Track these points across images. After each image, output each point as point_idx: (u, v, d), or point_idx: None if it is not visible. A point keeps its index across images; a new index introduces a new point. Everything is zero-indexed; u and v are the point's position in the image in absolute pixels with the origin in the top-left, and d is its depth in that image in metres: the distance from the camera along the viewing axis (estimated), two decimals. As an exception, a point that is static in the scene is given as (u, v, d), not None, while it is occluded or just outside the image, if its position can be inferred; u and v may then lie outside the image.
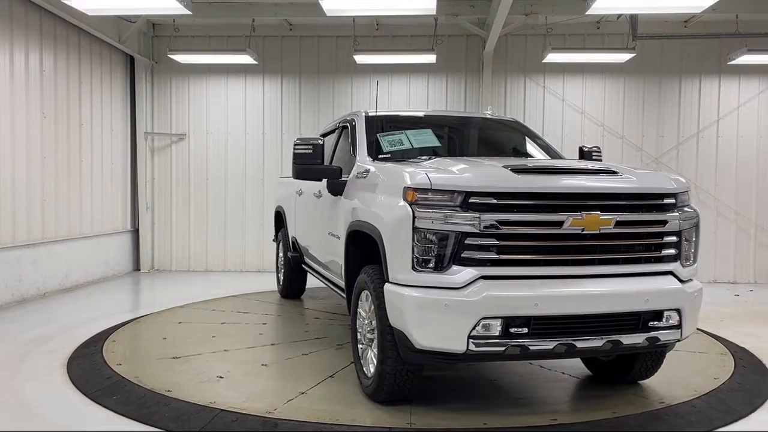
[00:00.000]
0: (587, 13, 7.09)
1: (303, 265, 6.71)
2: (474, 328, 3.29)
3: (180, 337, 5.67)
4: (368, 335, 3.99)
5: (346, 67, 9.90)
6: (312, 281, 7.33)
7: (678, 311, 3.60)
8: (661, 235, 3.63)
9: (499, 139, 5.60)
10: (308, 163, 4.61)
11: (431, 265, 3.37)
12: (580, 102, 9.80)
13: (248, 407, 3.85)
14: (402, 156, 4.72)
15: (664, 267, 3.64)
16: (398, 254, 3.46)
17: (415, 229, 3.36)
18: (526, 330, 3.34)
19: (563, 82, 9.82)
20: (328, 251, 5.21)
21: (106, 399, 4.06)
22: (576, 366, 4.75)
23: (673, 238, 3.65)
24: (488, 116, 6.01)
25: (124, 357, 4.98)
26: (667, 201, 3.68)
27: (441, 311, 3.31)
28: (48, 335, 5.76)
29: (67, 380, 4.48)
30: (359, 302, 4.15)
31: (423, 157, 4.53)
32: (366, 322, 4.04)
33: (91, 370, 4.65)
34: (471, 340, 3.30)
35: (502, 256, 3.36)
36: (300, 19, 9.51)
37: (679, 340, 3.71)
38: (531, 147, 5.37)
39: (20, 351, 5.23)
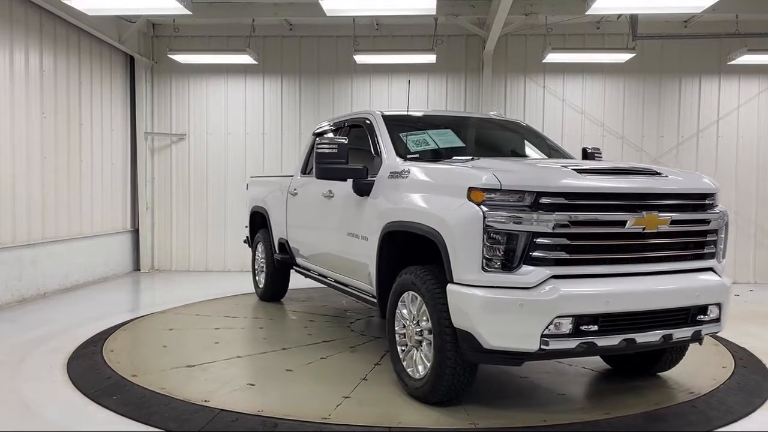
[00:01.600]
0: (587, 13, 7.09)
1: (294, 268, 6.57)
2: (547, 327, 3.33)
3: (181, 343, 5.49)
4: (416, 337, 3.93)
5: (346, 67, 9.90)
6: (292, 283, 7.29)
7: (719, 305, 3.81)
8: (705, 233, 3.83)
9: (512, 139, 5.61)
10: (333, 163, 4.55)
11: (502, 265, 3.39)
12: (580, 102, 9.80)
13: (297, 414, 3.73)
14: (431, 156, 4.72)
15: (706, 264, 3.85)
16: (465, 255, 3.44)
17: (485, 230, 3.37)
18: (595, 327, 3.42)
19: (563, 82, 9.82)
20: (345, 252, 5.07)
21: (106, 399, 4.05)
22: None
23: (713, 236, 3.87)
24: (498, 118, 5.99)
25: (137, 365, 4.74)
26: (708, 201, 3.90)
27: (515, 311, 3.33)
28: (48, 335, 5.76)
29: (67, 380, 4.47)
30: (399, 303, 4.12)
31: (464, 158, 4.51)
32: (411, 323, 3.99)
33: (91, 370, 4.65)
34: (543, 339, 3.34)
35: (570, 256, 3.43)
36: (300, 19, 9.51)
37: (717, 332, 3.93)
38: (545, 147, 5.47)
39: (20, 351, 5.23)
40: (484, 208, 3.40)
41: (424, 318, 3.83)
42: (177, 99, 10.23)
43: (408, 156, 4.59)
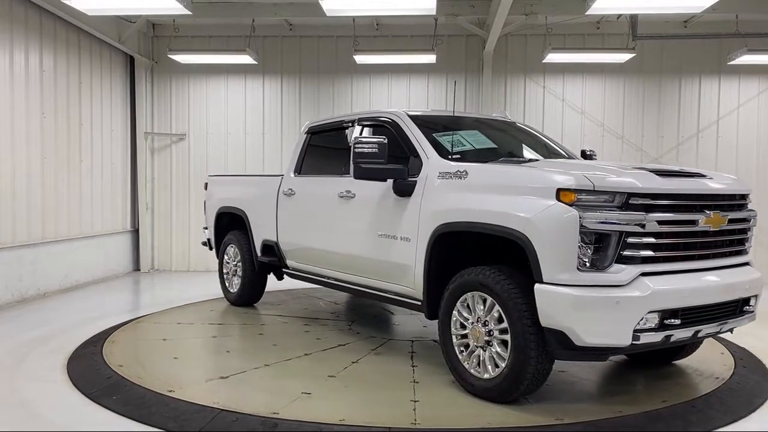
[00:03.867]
0: (587, 13, 7.09)
1: (285, 270, 6.38)
2: (638, 323, 3.49)
3: (190, 351, 5.30)
4: (484, 337, 3.95)
5: (346, 67, 9.90)
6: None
7: (756, 297, 4.14)
8: (746, 230, 4.15)
9: (524, 141, 5.63)
10: (374, 163, 4.52)
11: (596, 264, 3.50)
12: (580, 102, 9.80)
13: (383, 422, 3.66)
14: (472, 156, 4.79)
15: (745, 259, 4.17)
16: (559, 255, 3.52)
17: (582, 230, 3.47)
18: (678, 321, 3.62)
19: (563, 82, 9.82)
20: (375, 254, 4.94)
21: (106, 399, 4.05)
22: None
23: (750, 233, 4.22)
24: (509, 120, 5.99)
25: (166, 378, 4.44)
26: (746, 201, 4.22)
27: (611, 308, 3.45)
28: (48, 335, 5.76)
29: (67, 380, 4.48)
30: (458, 304, 4.13)
31: (520, 159, 4.69)
32: (477, 324, 4.01)
33: (91, 370, 4.65)
34: (635, 334, 3.49)
35: (655, 254, 3.62)
36: (300, 19, 9.51)
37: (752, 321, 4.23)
38: (557, 149, 5.56)
39: (20, 351, 5.23)
40: (579, 209, 3.50)
41: (495, 318, 3.88)
42: (177, 99, 10.23)
43: (450, 156, 4.59)
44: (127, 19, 9.19)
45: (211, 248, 7.70)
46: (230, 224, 7.22)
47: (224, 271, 7.29)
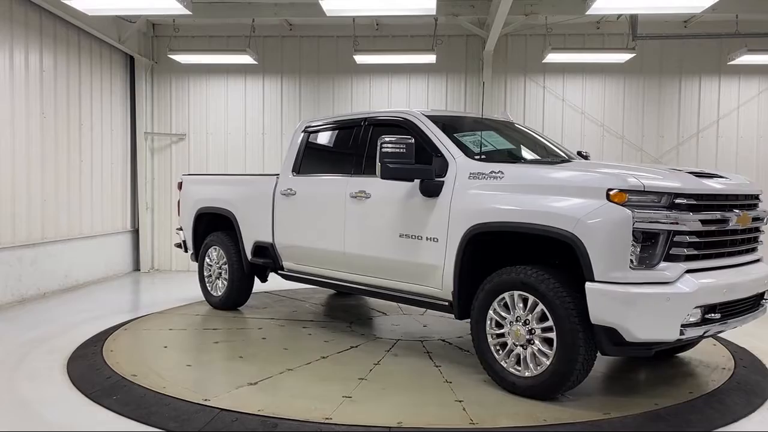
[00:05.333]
0: (587, 13, 7.09)
1: (279, 272, 6.26)
2: (685, 318, 3.66)
3: (201, 357, 5.14)
4: (526, 336, 4.00)
5: (346, 67, 9.90)
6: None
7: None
8: (759, 228, 4.34)
9: (529, 141, 5.65)
10: (402, 163, 4.51)
11: (646, 262, 3.64)
12: (580, 102, 9.80)
13: (447, 423, 3.67)
14: (497, 157, 4.87)
15: (758, 255, 4.38)
16: (612, 254, 3.63)
17: (635, 229, 3.59)
18: (718, 315, 3.82)
19: (563, 82, 9.82)
20: (398, 255, 4.88)
21: (106, 399, 4.05)
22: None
23: (763, 232, 4.41)
24: (514, 122, 6.00)
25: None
26: (760, 200, 4.40)
27: (662, 304, 3.61)
28: (48, 335, 5.76)
29: (67, 380, 4.48)
30: (495, 304, 4.17)
31: (553, 159, 4.82)
32: (517, 323, 4.05)
33: (90, 370, 4.65)
34: (682, 329, 3.65)
35: (697, 251, 3.79)
36: (300, 19, 9.51)
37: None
38: (558, 149, 5.64)
39: (20, 351, 5.24)
40: (631, 209, 3.62)
41: (538, 317, 3.95)
42: (177, 99, 10.23)
43: (476, 157, 4.62)
44: (127, 19, 9.19)
45: (186, 250, 7.37)
46: (212, 225, 6.98)
47: (206, 274, 7.02)
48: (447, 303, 4.60)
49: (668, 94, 9.74)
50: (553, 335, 3.86)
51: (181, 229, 7.38)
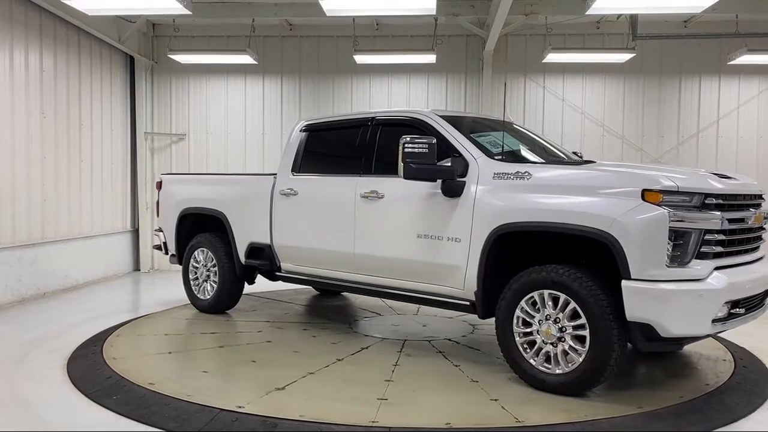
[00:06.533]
0: (587, 13, 7.09)
1: (277, 273, 6.15)
2: (716, 313, 3.79)
3: (214, 362, 4.96)
4: (556, 334, 4.05)
5: (346, 67, 9.90)
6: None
7: None
8: (763, 227, 4.46)
9: (533, 143, 5.66)
10: (425, 163, 4.49)
11: (679, 260, 3.77)
12: (580, 102, 9.80)
13: (491, 423, 3.66)
14: (513, 157, 4.91)
15: (762, 253, 4.48)
16: (649, 252, 3.73)
17: (671, 229, 3.71)
18: (743, 310, 3.99)
19: (563, 82, 9.82)
20: (415, 255, 4.83)
21: (106, 399, 4.05)
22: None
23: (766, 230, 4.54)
24: (513, 122, 5.98)
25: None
26: (764, 200, 4.50)
27: (696, 301, 3.74)
28: (48, 335, 5.76)
29: (67, 380, 4.48)
30: (523, 303, 4.19)
31: (576, 160, 5.00)
32: (546, 321, 4.09)
33: (91, 370, 4.64)
34: (713, 323, 3.80)
35: (723, 249, 3.94)
36: (300, 19, 9.51)
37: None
38: (556, 150, 5.70)
39: (20, 351, 5.23)
40: (668, 209, 3.72)
41: (569, 315, 4.01)
42: (177, 99, 10.23)
43: (496, 158, 4.66)
44: (127, 19, 9.19)
45: (166, 252, 7.10)
46: (197, 227, 6.78)
47: (191, 277, 6.76)
48: (468, 303, 4.59)
49: (668, 94, 9.74)
50: (585, 333, 3.92)
51: (160, 230, 7.14)
